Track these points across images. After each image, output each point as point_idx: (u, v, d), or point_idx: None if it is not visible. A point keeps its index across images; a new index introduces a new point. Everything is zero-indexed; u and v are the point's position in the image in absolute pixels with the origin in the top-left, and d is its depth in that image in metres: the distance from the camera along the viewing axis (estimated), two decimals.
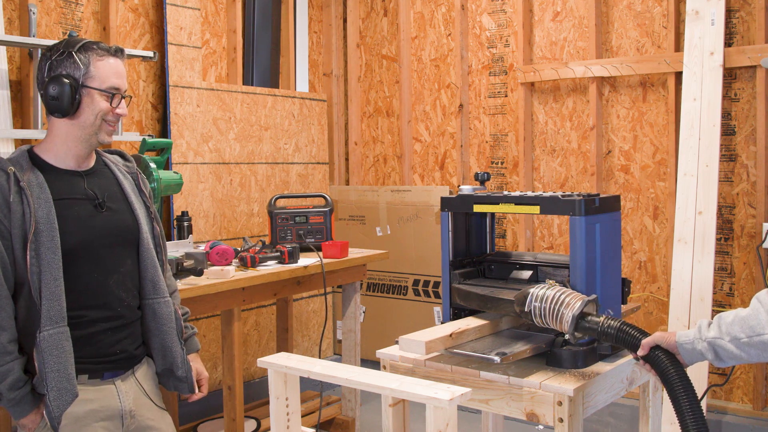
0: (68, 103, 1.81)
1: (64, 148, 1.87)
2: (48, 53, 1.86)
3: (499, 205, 2.24)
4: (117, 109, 1.88)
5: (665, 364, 1.73)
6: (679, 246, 3.44)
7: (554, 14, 4.09)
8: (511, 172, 4.29)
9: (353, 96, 4.95)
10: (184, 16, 3.89)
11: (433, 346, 1.97)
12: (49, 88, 1.81)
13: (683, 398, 1.67)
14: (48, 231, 1.77)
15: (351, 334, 3.59)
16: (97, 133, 1.88)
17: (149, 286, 1.97)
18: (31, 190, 1.77)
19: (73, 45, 1.84)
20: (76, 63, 1.83)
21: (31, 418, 1.79)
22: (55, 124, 1.86)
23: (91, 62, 1.84)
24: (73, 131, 1.86)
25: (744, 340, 1.65)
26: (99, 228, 1.88)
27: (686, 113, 3.48)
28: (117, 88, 1.87)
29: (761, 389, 3.48)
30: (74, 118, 1.84)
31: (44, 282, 1.75)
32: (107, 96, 1.86)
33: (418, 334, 2.03)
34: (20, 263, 1.76)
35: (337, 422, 3.77)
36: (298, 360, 1.94)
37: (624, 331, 1.80)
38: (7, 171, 1.77)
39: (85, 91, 1.83)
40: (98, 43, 1.88)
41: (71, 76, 1.82)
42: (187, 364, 2.01)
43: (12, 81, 3.27)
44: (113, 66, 1.87)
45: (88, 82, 1.83)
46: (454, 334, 2.03)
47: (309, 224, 3.57)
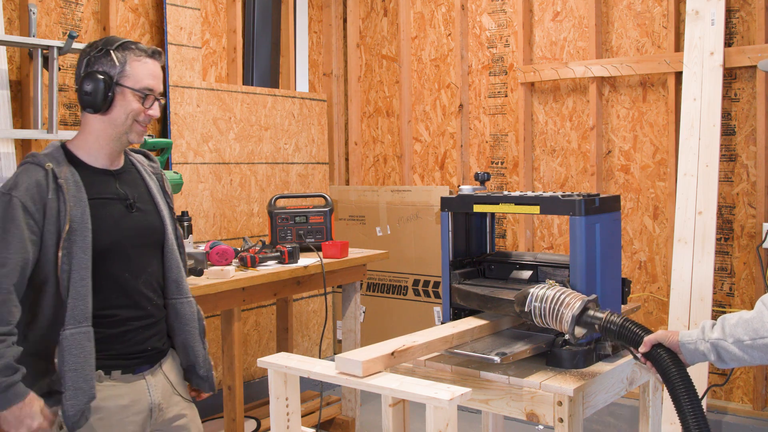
0: (101, 99, 1.83)
1: (96, 145, 1.89)
2: (87, 50, 1.88)
3: (499, 205, 2.24)
4: (149, 110, 1.90)
5: (667, 362, 1.73)
6: (679, 246, 3.44)
7: (554, 14, 4.09)
8: (511, 172, 4.29)
9: (353, 96, 4.95)
10: (184, 16, 3.89)
11: (371, 366, 1.79)
12: (84, 83, 1.83)
13: (684, 397, 1.67)
14: (81, 230, 1.78)
15: (351, 334, 3.59)
16: (128, 133, 1.90)
17: (173, 286, 2.00)
18: (67, 188, 1.79)
19: (112, 43, 1.87)
20: (112, 61, 1.85)
21: (14, 412, 1.71)
22: (89, 121, 1.88)
23: (128, 61, 1.86)
24: (105, 129, 1.88)
25: (747, 342, 1.65)
26: (129, 228, 1.91)
27: (686, 113, 3.48)
28: (151, 89, 1.89)
29: (761, 389, 3.48)
30: (106, 114, 1.86)
31: (72, 281, 1.76)
32: (140, 96, 1.87)
33: (357, 352, 1.85)
34: (50, 261, 1.76)
35: (337, 422, 3.77)
36: (298, 360, 1.94)
37: (627, 327, 1.80)
38: (45, 167, 1.78)
39: (119, 89, 1.85)
40: (137, 43, 1.91)
41: (106, 73, 1.84)
42: (209, 363, 2.05)
43: (12, 81, 3.27)
44: (149, 67, 1.89)
45: (123, 81, 1.85)
46: (396, 352, 1.85)
47: (309, 224, 3.57)
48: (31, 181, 1.76)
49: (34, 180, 1.77)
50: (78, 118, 3.55)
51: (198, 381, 2.06)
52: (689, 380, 1.70)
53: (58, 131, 3.20)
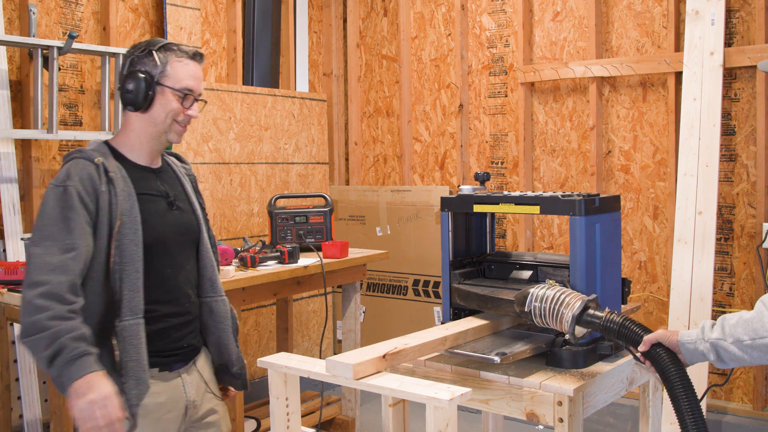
0: (142, 97, 1.87)
1: (137, 143, 1.93)
2: (131, 50, 1.93)
3: (499, 205, 2.23)
4: (188, 110, 1.93)
5: (666, 362, 1.73)
6: (679, 246, 3.44)
7: (554, 14, 4.09)
8: (511, 172, 4.29)
9: (353, 96, 4.95)
10: (184, 16, 3.89)
11: (362, 369, 1.76)
12: (126, 82, 1.87)
13: (683, 397, 1.67)
14: (131, 224, 1.82)
15: (351, 334, 3.59)
16: (167, 132, 1.93)
17: (208, 284, 2.03)
18: (117, 182, 1.83)
19: (155, 44, 1.92)
20: (154, 61, 1.89)
21: (85, 387, 1.61)
22: (130, 119, 1.93)
23: (169, 62, 1.90)
24: (146, 127, 1.92)
25: (747, 342, 1.65)
26: (171, 225, 1.95)
27: (686, 113, 3.48)
28: (190, 90, 1.92)
29: (761, 389, 3.48)
30: (146, 113, 1.90)
31: (126, 273, 1.79)
32: (179, 96, 1.91)
33: (348, 354, 1.83)
34: (101, 253, 1.79)
35: (337, 422, 3.77)
36: (298, 360, 1.94)
37: (626, 326, 1.80)
38: (95, 162, 1.82)
39: (159, 89, 1.89)
40: (179, 45, 1.95)
41: (148, 73, 1.88)
42: (242, 361, 2.07)
43: (12, 81, 3.27)
44: (190, 68, 1.93)
45: (163, 80, 1.89)
46: (388, 355, 1.82)
47: (309, 224, 3.57)
48: (83, 174, 1.79)
49: (87, 173, 1.80)
50: (78, 118, 3.55)
51: (230, 379, 2.08)
52: (688, 380, 1.70)
53: (58, 131, 3.20)
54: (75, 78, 3.54)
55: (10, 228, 3.17)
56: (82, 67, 3.57)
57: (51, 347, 1.64)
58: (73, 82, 3.53)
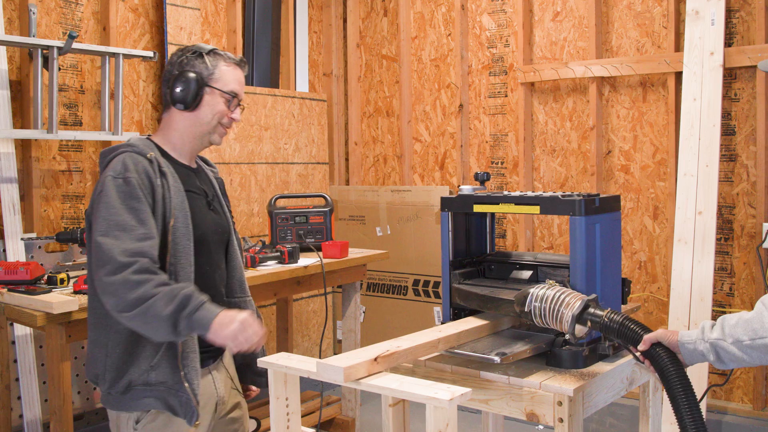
0: (192, 97, 1.93)
1: (180, 142, 1.99)
2: (179, 53, 2.00)
3: (499, 205, 2.23)
4: (233, 113, 2.00)
5: (665, 362, 1.73)
6: (679, 246, 3.44)
7: (554, 14, 4.09)
8: (511, 172, 4.29)
9: (353, 96, 4.95)
10: (184, 16, 3.89)
11: (353, 372, 1.72)
12: (177, 81, 1.93)
13: (681, 397, 1.67)
14: (183, 219, 1.88)
15: (351, 334, 3.59)
16: (211, 133, 2.00)
17: (237, 285, 2.09)
18: (168, 177, 1.88)
19: (204, 48, 1.99)
20: (205, 64, 1.96)
21: (224, 317, 1.72)
22: (175, 118, 1.98)
23: (218, 66, 1.98)
24: (191, 126, 1.98)
25: (746, 342, 1.65)
26: (210, 223, 2.01)
27: (686, 113, 3.48)
28: (236, 94, 2.00)
29: (761, 389, 3.48)
30: (193, 112, 1.96)
31: (181, 267, 1.85)
32: (226, 99, 1.98)
33: (339, 357, 1.79)
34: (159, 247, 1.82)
35: (337, 422, 3.77)
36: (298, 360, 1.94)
37: (626, 326, 1.80)
38: (148, 156, 1.86)
39: (208, 90, 1.96)
40: (226, 52, 2.04)
41: (199, 74, 1.95)
42: None
43: (12, 81, 3.27)
44: (236, 74, 2.01)
45: (212, 82, 1.96)
46: (379, 357, 1.79)
47: (309, 224, 3.57)
48: (139, 167, 1.83)
49: (142, 166, 1.84)
50: (78, 118, 3.55)
51: (253, 377, 2.13)
52: (687, 380, 1.70)
53: (58, 131, 3.20)
54: (75, 78, 3.54)
55: (10, 228, 3.17)
56: (82, 67, 3.57)
57: (172, 304, 1.69)
58: (73, 82, 3.53)
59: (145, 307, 1.69)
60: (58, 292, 2.50)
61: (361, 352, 1.82)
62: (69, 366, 2.41)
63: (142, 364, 1.84)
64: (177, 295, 1.72)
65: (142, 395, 1.85)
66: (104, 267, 1.71)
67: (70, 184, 3.52)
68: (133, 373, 1.84)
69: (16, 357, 3.14)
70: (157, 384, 1.85)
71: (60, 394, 2.37)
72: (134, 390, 1.85)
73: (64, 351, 2.38)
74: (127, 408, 1.87)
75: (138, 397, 1.85)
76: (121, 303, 1.71)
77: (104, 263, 1.72)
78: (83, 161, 3.57)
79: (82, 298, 2.41)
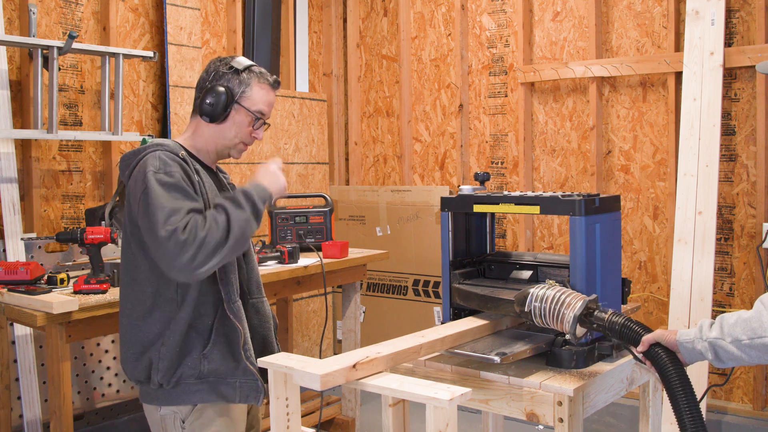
0: (220, 111, 1.96)
1: (204, 148, 2.03)
2: (217, 63, 2.02)
3: (499, 205, 2.23)
4: (255, 132, 2.04)
5: (664, 361, 1.73)
6: (679, 246, 3.44)
7: (554, 14, 4.09)
8: (511, 172, 4.29)
9: (353, 96, 4.95)
10: (184, 16, 3.89)
11: (330, 380, 1.69)
12: (208, 93, 1.97)
13: (681, 397, 1.67)
14: None
15: (351, 334, 3.59)
16: (231, 149, 2.04)
17: (254, 286, 2.12)
18: (202, 175, 1.93)
19: (242, 65, 2.01)
20: (239, 80, 1.99)
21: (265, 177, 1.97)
22: (201, 126, 2.02)
23: (251, 84, 2.00)
24: (214, 138, 2.02)
25: (745, 341, 1.65)
26: None
27: (686, 113, 3.48)
28: (263, 114, 2.04)
29: (761, 389, 3.48)
30: (219, 125, 2.00)
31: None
32: (252, 118, 2.01)
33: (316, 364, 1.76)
34: None
35: (337, 422, 3.77)
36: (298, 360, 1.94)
37: (627, 326, 1.80)
38: (180, 155, 1.90)
39: (236, 107, 1.99)
40: (262, 69, 2.06)
41: (230, 90, 1.98)
42: None
43: (12, 81, 3.27)
44: (268, 95, 2.04)
45: (242, 100, 1.99)
46: (358, 364, 1.75)
47: (309, 224, 3.57)
48: (176, 164, 1.87)
49: (178, 163, 1.87)
50: (78, 118, 3.55)
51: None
52: (687, 380, 1.70)
53: (58, 131, 3.20)
54: (75, 78, 3.54)
55: (10, 228, 3.17)
56: (82, 67, 3.57)
57: (246, 205, 1.84)
58: (73, 82, 3.53)
59: (235, 229, 1.79)
60: (58, 292, 2.50)
61: (339, 358, 1.79)
62: (69, 366, 2.41)
63: (194, 353, 1.89)
64: (237, 198, 1.84)
65: (193, 388, 1.89)
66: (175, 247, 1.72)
67: (70, 184, 3.52)
68: (186, 363, 1.88)
69: (16, 357, 3.14)
70: (208, 374, 1.89)
71: (60, 394, 2.37)
72: (185, 383, 1.89)
73: (64, 351, 2.38)
74: (178, 402, 1.90)
75: (189, 391, 1.89)
76: (215, 251, 1.75)
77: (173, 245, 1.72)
78: (83, 161, 3.57)
79: (82, 298, 2.41)
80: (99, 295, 2.45)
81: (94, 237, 2.55)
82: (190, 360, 1.89)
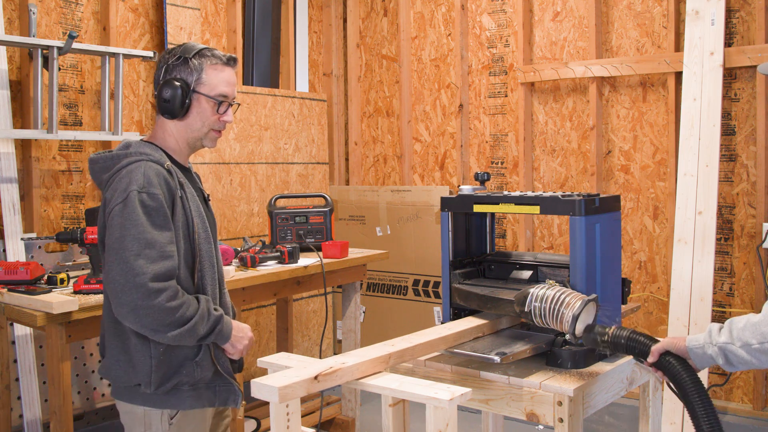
0: (178, 105, 1.90)
1: (176, 146, 1.98)
2: (166, 57, 1.95)
3: (499, 205, 2.23)
4: (223, 116, 1.97)
5: (677, 369, 1.72)
6: (679, 246, 3.44)
7: (554, 14, 4.09)
8: (511, 172, 4.29)
9: (353, 96, 4.95)
10: (184, 16, 3.89)
11: (289, 393, 1.64)
12: (163, 90, 1.90)
13: (698, 403, 1.67)
14: (201, 224, 1.92)
15: (351, 334, 3.59)
16: (203, 139, 1.98)
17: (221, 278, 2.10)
18: (185, 186, 1.90)
19: (189, 51, 1.93)
20: (189, 68, 1.91)
21: (237, 329, 1.96)
22: (167, 125, 1.96)
23: (204, 69, 1.92)
24: (183, 133, 1.96)
25: (755, 346, 1.65)
26: (211, 222, 2.03)
27: (686, 113, 3.48)
28: (225, 96, 1.96)
29: (761, 389, 3.48)
30: (183, 120, 1.94)
31: (205, 270, 1.92)
32: (215, 102, 1.94)
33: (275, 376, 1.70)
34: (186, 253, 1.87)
35: (337, 422, 3.77)
36: (297, 360, 1.94)
37: (633, 339, 1.80)
38: (166, 167, 1.86)
39: (195, 96, 1.92)
40: (213, 50, 1.96)
41: (183, 80, 1.91)
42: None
43: (12, 81, 3.27)
44: (224, 75, 1.95)
45: (199, 88, 1.92)
46: (320, 375, 1.69)
47: (309, 224, 3.57)
48: (160, 179, 1.83)
49: (163, 177, 1.84)
50: (78, 118, 3.55)
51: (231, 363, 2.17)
52: (701, 385, 1.70)
53: (58, 131, 3.20)
54: (75, 78, 3.54)
55: (10, 228, 3.17)
56: (82, 67, 3.57)
57: (208, 325, 1.84)
58: (73, 82, 3.53)
59: (185, 330, 1.78)
60: (58, 292, 2.50)
61: (301, 369, 1.74)
62: (69, 366, 2.41)
63: (188, 362, 1.89)
64: (209, 316, 1.85)
65: (187, 394, 1.90)
66: (137, 290, 1.72)
67: (70, 184, 3.52)
68: (181, 372, 1.88)
69: (16, 357, 3.14)
70: (199, 381, 1.91)
71: (60, 394, 2.37)
72: (181, 390, 1.89)
73: (64, 351, 2.38)
74: (170, 406, 1.90)
75: (183, 397, 1.90)
76: (159, 326, 1.76)
77: (137, 287, 1.72)
78: (83, 161, 3.56)
79: (82, 298, 2.41)
80: (99, 295, 2.45)
81: (94, 237, 2.54)
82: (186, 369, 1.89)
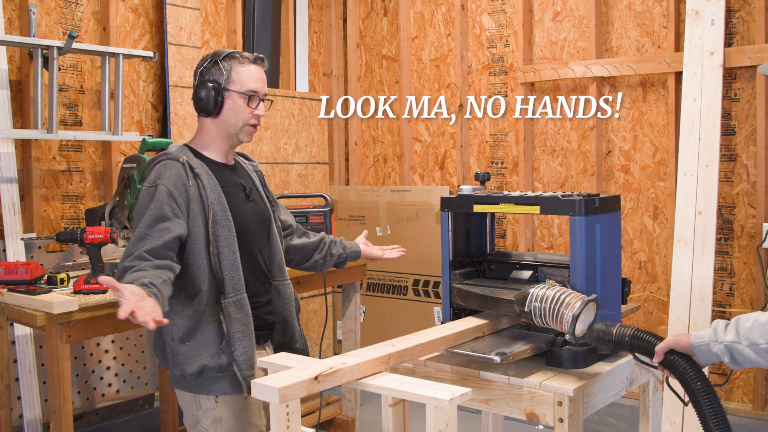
0: (213, 104, 2.06)
1: (212, 143, 2.14)
2: (200, 62, 2.13)
3: (499, 205, 2.23)
4: (255, 110, 2.11)
5: (684, 367, 1.72)
6: (679, 246, 3.44)
7: (554, 14, 4.09)
8: (511, 172, 4.29)
9: (353, 96, 4.95)
10: (184, 16, 3.89)
11: (289, 393, 1.62)
12: (198, 91, 2.07)
13: (705, 400, 1.67)
14: (222, 211, 2.03)
15: (351, 334, 3.59)
16: (239, 133, 2.12)
17: (276, 269, 2.23)
18: (202, 177, 2.02)
19: (220, 54, 2.10)
20: (220, 69, 2.08)
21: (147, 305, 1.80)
22: (205, 123, 2.13)
23: (233, 68, 2.09)
24: (219, 130, 2.12)
25: (762, 345, 1.64)
26: (251, 214, 2.16)
27: (686, 113, 3.48)
28: (255, 91, 2.10)
29: (761, 389, 3.48)
30: (218, 117, 2.10)
31: (223, 255, 2.01)
32: (245, 98, 2.09)
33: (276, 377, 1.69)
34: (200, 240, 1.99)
35: (337, 422, 3.77)
36: (298, 360, 1.94)
37: (637, 337, 1.79)
38: (181, 161, 2.02)
39: (227, 94, 2.08)
40: (242, 53, 2.12)
41: (215, 81, 2.07)
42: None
43: (12, 81, 3.27)
44: (253, 72, 2.11)
45: (230, 86, 2.08)
46: (320, 376, 1.69)
47: (309, 224, 3.56)
48: (171, 173, 1.99)
49: (174, 171, 2.00)
50: (78, 118, 3.55)
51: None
52: (708, 383, 1.70)
53: (58, 131, 3.20)
54: (75, 78, 3.54)
55: (10, 228, 3.17)
56: (82, 67, 3.57)
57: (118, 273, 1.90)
58: (73, 82, 3.53)
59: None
60: (58, 292, 2.50)
61: (301, 370, 1.73)
62: (69, 366, 2.41)
63: (212, 348, 1.99)
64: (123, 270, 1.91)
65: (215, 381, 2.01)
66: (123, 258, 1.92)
67: (70, 184, 3.52)
68: (204, 358, 1.99)
69: (16, 357, 3.14)
70: (227, 366, 2.00)
71: (60, 394, 2.37)
72: (206, 376, 2.00)
73: (64, 351, 2.38)
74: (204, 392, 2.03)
75: (211, 382, 2.02)
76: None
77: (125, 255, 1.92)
78: (83, 161, 3.57)
79: (82, 298, 2.41)
80: (99, 295, 2.45)
81: (94, 237, 2.55)
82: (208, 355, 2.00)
